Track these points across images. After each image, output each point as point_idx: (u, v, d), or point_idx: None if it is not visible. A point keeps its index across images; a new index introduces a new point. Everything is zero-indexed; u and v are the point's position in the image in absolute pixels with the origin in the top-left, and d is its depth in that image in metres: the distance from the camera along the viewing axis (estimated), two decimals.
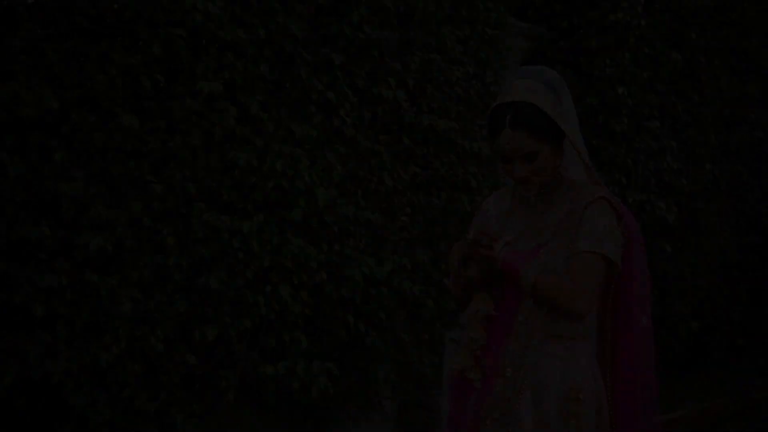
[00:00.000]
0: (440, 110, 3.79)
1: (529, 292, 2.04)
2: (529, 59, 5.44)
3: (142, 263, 2.78)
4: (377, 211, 3.59)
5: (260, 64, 3.04)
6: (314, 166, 3.28)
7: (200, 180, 2.92)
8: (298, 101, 3.26)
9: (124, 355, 2.77)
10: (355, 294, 3.47)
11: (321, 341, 3.56)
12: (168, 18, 2.76)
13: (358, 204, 3.50)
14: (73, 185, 2.53)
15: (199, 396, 3.20)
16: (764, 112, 6.78)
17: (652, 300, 2.25)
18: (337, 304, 3.53)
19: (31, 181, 2.47)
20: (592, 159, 5.09)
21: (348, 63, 3.39)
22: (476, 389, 2.14)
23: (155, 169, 2.85)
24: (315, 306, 3.44)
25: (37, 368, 2.52)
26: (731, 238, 6.71)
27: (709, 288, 6.48)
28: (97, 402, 2.72)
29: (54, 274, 2.56)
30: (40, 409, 2.77)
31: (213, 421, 3.17)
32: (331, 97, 3.29)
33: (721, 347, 7.33)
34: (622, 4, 5.08)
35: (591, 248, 2.03)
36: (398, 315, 3.75)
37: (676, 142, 5.53)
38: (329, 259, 3.38)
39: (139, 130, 2.69)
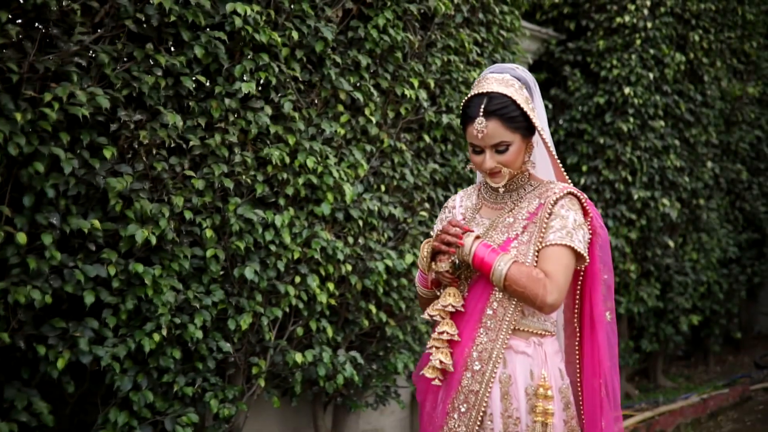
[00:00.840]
0: (458, 110, 3.91)
1: (501, 283, 2.01)
2: (539, 60, 5.58)
3: (182, 255, 2.90)
4: (399, 205, 3.72)
5: (293, 66, 3.16)
6: (341, 163, 3.40)
7: (236, 175, 3.04)
8: (327, 101, 3.39)
9: (165, 342, 2.89)
10: (377, 285, 3.59)
11: (344, 330, 3.69)
12: (208, 22, 2.87)
13: (381, 199, 3.62)
14: (120, 180, 2.65)
15: (231, 382, 3.33)
16: (762, 112, 6.92)
17: (614, 296, 2.24)
18: (361, 295, 3.66)
19: (83, 176, 2.59)
20: (599, 157, 5.28)
21: (373, 64, 3.51)
22: (443, 384, 2.13)
23: (194, 165, 2.98)
24: (339, 296, 3.57)
25: (87, 354, 2.64)
26: (730, 235, 6.85)
27: (709, 283, 6.61)
28: (140, 386, 2.84)
29: (101, 265, 2.68)
30: (87, 392, 2.89)
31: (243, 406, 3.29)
32: (358, 97, 3.41)
33: (718, 341, 7.47)
34: (629, 8, 5.21)
35: (561, 241, 2.04)
36: (417, 306, 3.88)
37: (679, 141, 5.67)
38: (354, 252, 3.51)
39: (181, 128, 2.81)
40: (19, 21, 2.50)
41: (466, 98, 2.08)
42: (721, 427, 5.97)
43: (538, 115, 2.13)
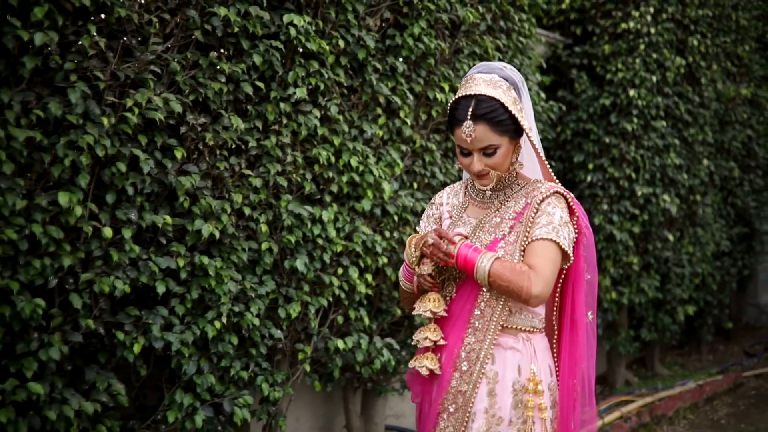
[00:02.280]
0: None
1: (485, 280, 1.97)
2: (546, 63, 5.80)
3: (240, 248, 3.09)
4: (429, 201, 3.94)
5: (337, 71, 3.36)
6: (379, 162, 3.61)
7: (288, 174, 3.23)
8: (367, 104, 3.59)
9: (224, 329, 3.08)
10: None
11: (377, 319, 3.89)
12: (264, 32, 3.06)
13: (414, 195, 3.83)
14: (188, 179, 2.84)
15: (278, 367, 3.53)
16: (753, 112, 7.19)
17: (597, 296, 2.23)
18: (394, 286, 3.87)
19: (156, 175, 2.78)
20: (605, 156, 5.52)
21: (408, 70, 3.72)
22: (434, 384, 2.12)
23: (250, 164, 3.17)
24: (375, 287, 3.77)
25: (159, 339, 2.83)
26: (723, 229, 7.12)
27: (703, 275, 6.88)
28: (202, 370, 3.03)
29: (171, 257, 2.87)
30: (150, 376, 3.08)
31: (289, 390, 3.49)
32: (394, 101, 3.61)
33: (710, 330, 7.75)
34: (633, 14, 5.44)
35: (546, 236, 2.01)
36: None
37: (678, 141, 5.92)
38: (389, 245, 3.72)
39: (241, 130, 3.00)
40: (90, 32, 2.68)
41: (453, 99, 2.04)
42: (717, 411, 6.25)
43: (526, 115, 2.09)
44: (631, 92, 5.42)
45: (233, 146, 3.03)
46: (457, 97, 2.04)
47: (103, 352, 2.80)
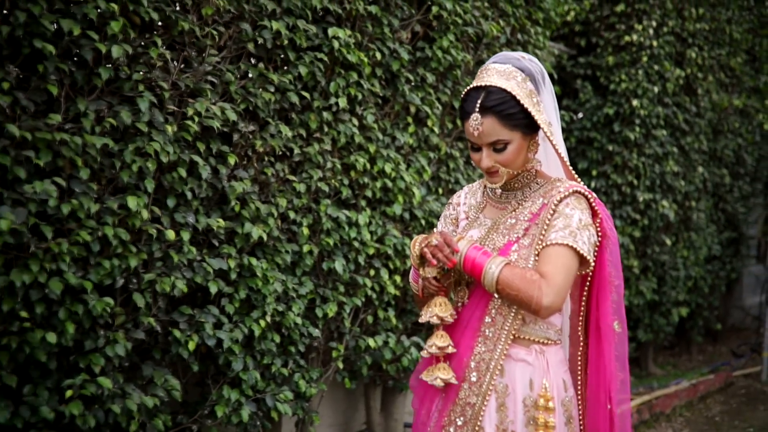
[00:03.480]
0: None
1: (493, 287, 1.84)
2: (553, 74, 5.98)
3: (284, 250, 3.21)
4: None
5: (373, 82, 3.49)
6: (409, 169, 3.75)
7: (327, 180, 3.36)
8: (399, 113, 3.73)
9: (268, 328, 3.20)
10: None
11: (401, 318, 4.03)
12: (308, 44, 3.19)
13: (440, 200, 3.98)
14: (239, 184, 2.96)
15: (311, 364, 3.66)
16: (743, 121, 7.43)
17: (624, 304, 2.06)
18: None
19: (210, 180, 2.89)
20: (608, 163, 5.70)
21: (436, 81, 3.87)
22: (441, 394, 1.99)
23: (293, 170, 3.29)
24: (402, 288, 3.91)
25: (212, 337, 2.94)
26: (714, 234, 7.34)
27: (696, 278, 7.09)
28: (248, 367, 3.14)
29: (222, 259, 2.98)
30: (200, 372, 3.19)
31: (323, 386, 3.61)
32: (423, 110, 3.76)
33: (700, 332, 7.98)
34: (636, 27, 5.64)
35: (562, 240, 1.85)
36: None
37: (676, 149, 6.12)
38: None
39: (288, 137, 3.13)
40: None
41: (465, 90, 1.91)
42: (711, 409, 6.46)
43: (545, 109, 1.92)
44: (634, 102, 5.61)
45: (280, 153, 3.15)
46: (468, 88, 1.90)
47: (157, 348, 2.91)
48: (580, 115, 5.57)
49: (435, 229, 2.18)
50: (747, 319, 9.56)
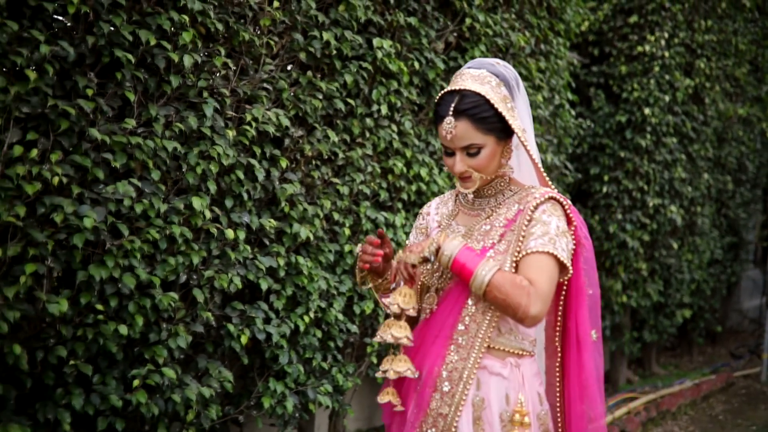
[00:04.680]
0: None
1: (481, 290, 1.79)
2: (571, 83, 6.13)
3: (327, 249, 3.35)
4: None
5: (411, 90, 3.63)
6: (442, 173, 3.89)
7: (367, 183, 3.49)
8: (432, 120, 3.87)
9: (311, 324, 3.33)
10: None
11: None
12: (352, 54, 3.32)
13: None
14: (290, 186, 3.09)
15: (349, 359, 3.79)
16: (746, 129, 7.61)
17: (600, 312, 2.05)
18: None
19: (263, 182, 3.02)
20: (619, 169, 5.85)
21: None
22: (412, 405, 1.93)
23: (335, 173, 3.42)
24: None
25: (262, 332, 3.07)
26: (716, 238, 7.51)
27: (699, 281, 7.26)
28: (292, 361, 3.27)
29: (272, 257, 3.11)
30: (246, 365, 3.31)
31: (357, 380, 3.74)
32: None
33: (701, 333, 8.15)
34: (648, 38, 5.80)
35: (543, 248, 1.82)
36: None
37: (684, 156, 6.29)
38: None
39: (336, 142, 3.26)
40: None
41: (439, 95, 1.88)
42: (713, 408, 6.62)
43: (519, 116, 1.90)
44: (646, 110, 5.76)
45: (326, 157, 3.28)
46: (442, 92, 1.88)
47: (209, 342, 3.03)
48: (587, 121, 5.71)
49: (407, 241, 2.15)
50: (745, 321, 9.75)
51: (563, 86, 4.92)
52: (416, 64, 3.57)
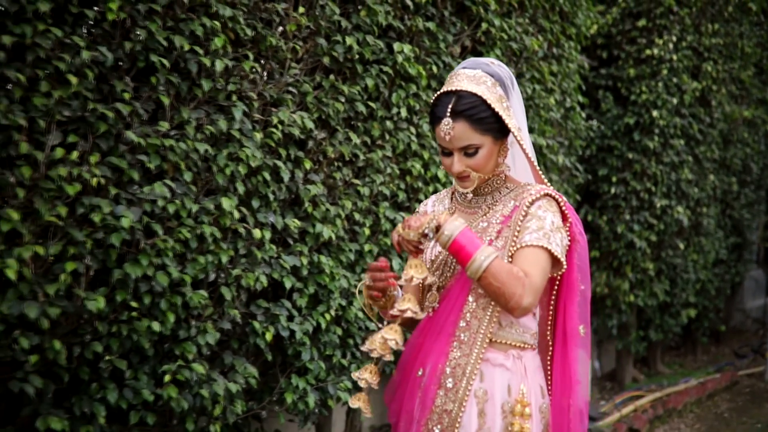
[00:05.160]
0: (539, 130, 4.50)
1: (477, 275, 1.79)
2: (581, 85, 6.20)
3: (347, 249, 3.41)
4: None
5: (429, 93, 3.70)
6: None
7: (386, 184, 3.56)
8: None
9: (332, 321, 3.40)
10: None
11: None
12: (373, 58, 3.39)
13: None
14: (314, 187, 3.16)
15: (368, 355, 3.85)
16: (750, 131, 7.68)
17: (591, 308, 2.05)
18: None
19: (288, 183, 3.09)
20: (627, 170, 5.92)
21: None
22: (417, 402, 1.93)
23: (355, 175, 3.49)
24: None
25: (286, 329, 3.14)
26: (721, 239, 7.58)
27: (704, 281, 7.32)
28: (314, 357, 3.34)
29: (296, 256, 3.18)
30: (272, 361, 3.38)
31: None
32: None
33: (706, 333, 8.22)
34: (657, 42, 5.86)
35: (537, 242, 1.84)
36: None
37: (691, 157, 6.36)
38: None
39: (358, 144, 3.33)
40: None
41: (435, 95, 1.89)
42: (719, 406, 6.69)
43: (515, 115, 1.92)
44: (654, 113, 5.83)
45: (348, 159, 3.35)
46: (438, 93, 1.88)
47: (234, 339, 3.10)
48: (594, 122, 5.78)
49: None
50: (747, 321, 9.81)
51: (574, 89, 4.99)
52: (434, 68, 3.63)
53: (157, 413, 2.73)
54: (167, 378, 2.67)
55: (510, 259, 1.87)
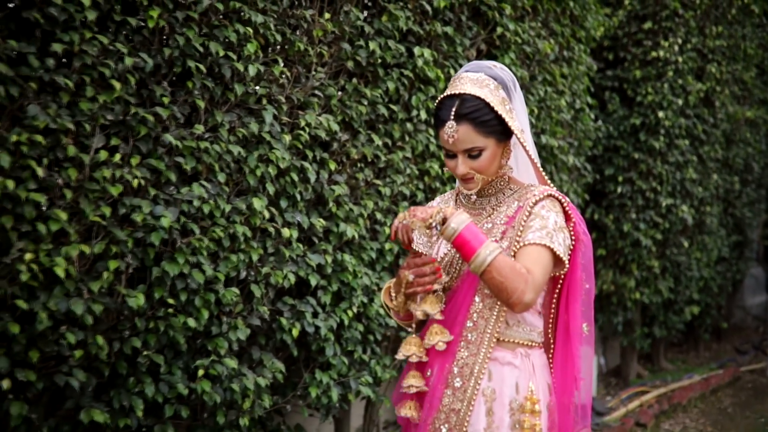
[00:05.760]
0: (550, 132, 4.58)
1: (480, 269, 1.79)
2: (590, 87, 6.28)
3: (369, 247, 3.50)
4: None
5: None
6: None
7: (406, 184, 3.64)
8: None
9: (354, 318, 3.48)
10: None
11: None
12: (394, 61, 3.47)
13: None
14: (338, 187, 3.24)
15: (387, 352, 3.94)
16: (753, 131, 7.77)
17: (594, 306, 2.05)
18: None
19: (313, 184, 3.17)
20: (633, 170, 6.01)
21: None
22: (425, 402, 1.95)
23: (377, 175, 3.57)
24: None
25: (311, 326, 3.22)
26: (723, 237, 7.67)
27: (706, 279, 7.42)
28: (336, 353, 3.42)
29: (320, 254, 3.26)
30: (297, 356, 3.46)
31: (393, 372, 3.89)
32: None
33: (708, 330, 8.31)
34: (663, 44, 5.95)
35: (540, 241, 1.85)
36: None
37: (695, 157, 6.45)
38: None
39: (379, 146, 3.41)
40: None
41: (439, 99, 1.92)
42: (722, 401, 6.79)
43: (518, 117, 1.94)
44: (660, 114, 5.92)
45: (369, 160, 3.43)
46: (442, 96, 1.91)
47: (261, 335, 3.18)
48: (600, 123, 5.86)
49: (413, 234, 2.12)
50: (748, 318, 9.91)
51: (583, 91, 5.08)
52: (451, 71, 3.71)
53: (189, 406, 2.81)
54: (200, 372, 2.75)
55: (513, 258, 1.88)
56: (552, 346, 2.04)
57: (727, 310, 9.36)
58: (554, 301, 2.01)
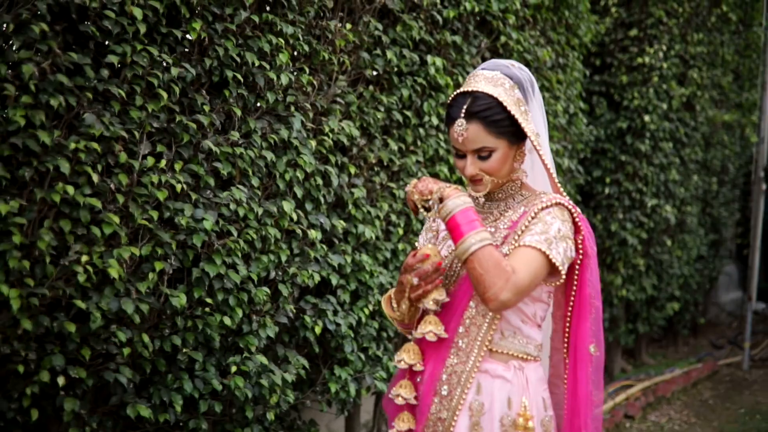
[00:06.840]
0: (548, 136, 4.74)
1: (463, 256, 1.72)
2: (582, 93, 6.47)
3: (384, 248, 3.62)
4: None
5: None
6: None
7: None
8: None
9: (371, 316, 3.60)
10: None
11: None
12: (407, 69, 3.60)
13: None
14: (358, 190, 3.36)
15: (398, 348, 4.07)
16: (729, 134, 8.04)
17: (603, 326, 2.00)
18: None
19: (334, 187, 3.29)
20: (620, 172, 6.21)
21: None
22: (416, 410, 1.91)
23: (391, 178, 3.70)
24: None
25: (332, 323, 3.33)
26: (702, 236, 7.93)
27: (686, 276, 7.66)
28: (354, 350, 3.54)
29: (340, 255, 3.38)
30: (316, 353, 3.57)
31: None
32: None
33: (687, 326, 8.57)
34: (648, 51, 6.16)
35: (535, 244, 1.76)
36: None
37: (677, 159, 6.68)
38: None
39: (395, 151, 3.54)
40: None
41: (452, 95, 1.84)
42: (702, 393, 7.02)
43: (533, 119, 1.85)
44: (646, 118, 6.13)
45: (385, 164, 3.56)
46: (455, 93, 1.84)
47: (285, 332, 3.29)
48: (592, 128, 6.07)
49: (417, 243, 2.11)
50: (722, 314, 10.22)
51: (576, 96, 5.25)
52: (460, 79, 3.85)
53: (221, 401, 2.91)
54: (233, 369, 2.85)
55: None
56: (566, 364, 1.95)
57: (704, 307, 9.64)
58: (568, 317, 1.92)
